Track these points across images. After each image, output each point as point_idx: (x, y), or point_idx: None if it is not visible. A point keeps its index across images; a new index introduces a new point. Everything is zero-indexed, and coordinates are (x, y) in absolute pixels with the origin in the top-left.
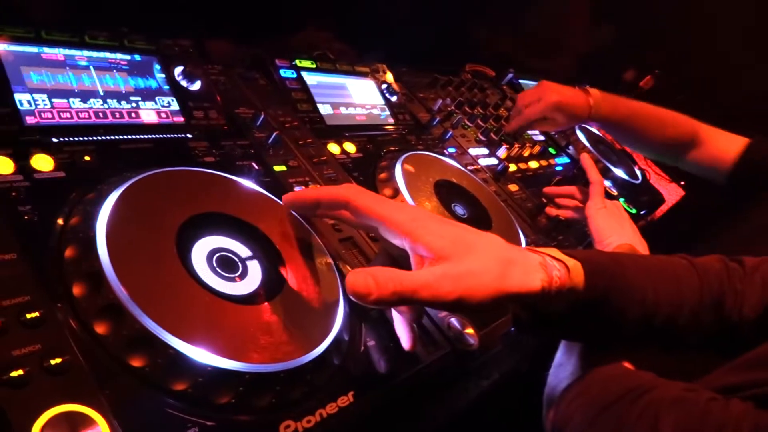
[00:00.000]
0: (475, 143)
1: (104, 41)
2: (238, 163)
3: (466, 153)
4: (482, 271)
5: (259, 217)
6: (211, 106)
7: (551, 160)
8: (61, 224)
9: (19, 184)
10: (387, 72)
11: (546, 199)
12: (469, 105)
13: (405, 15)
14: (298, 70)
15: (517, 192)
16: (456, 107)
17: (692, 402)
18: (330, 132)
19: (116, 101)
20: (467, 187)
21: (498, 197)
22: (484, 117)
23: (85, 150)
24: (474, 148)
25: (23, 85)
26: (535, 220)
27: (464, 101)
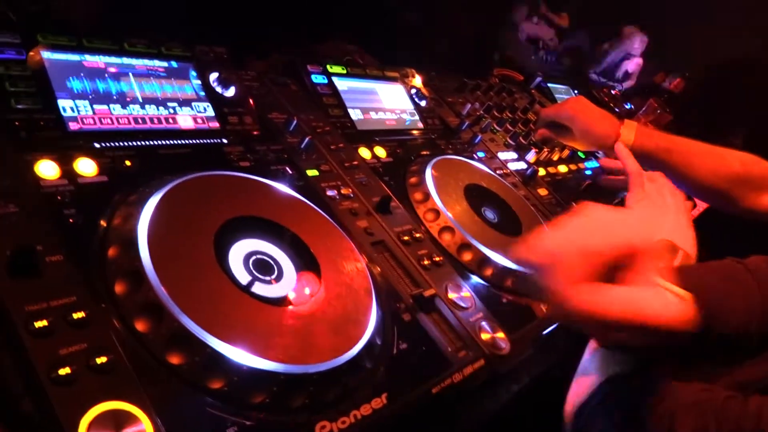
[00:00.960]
0: (504, 147)
1: (143, 48)
2: (272, 167)
3: (495, 157)
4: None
5: (295, 220)
6: (246, 111)
7: (580, 165)
8: (104, 226)
9: (65, 188)
10: (416, 76)
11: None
12: (497, 109)
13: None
14: (329, 76)
15: (546, 196)
16: (485, 111)
17: (709, 402)
18: (361, 137)
19: (154, 107)
20: (497, 191)
21: (527, 201)
22: (512, 121)
23: (125, 155)
24: (503, 152)
25: (66, 91)
26: None
27: (493, 105)
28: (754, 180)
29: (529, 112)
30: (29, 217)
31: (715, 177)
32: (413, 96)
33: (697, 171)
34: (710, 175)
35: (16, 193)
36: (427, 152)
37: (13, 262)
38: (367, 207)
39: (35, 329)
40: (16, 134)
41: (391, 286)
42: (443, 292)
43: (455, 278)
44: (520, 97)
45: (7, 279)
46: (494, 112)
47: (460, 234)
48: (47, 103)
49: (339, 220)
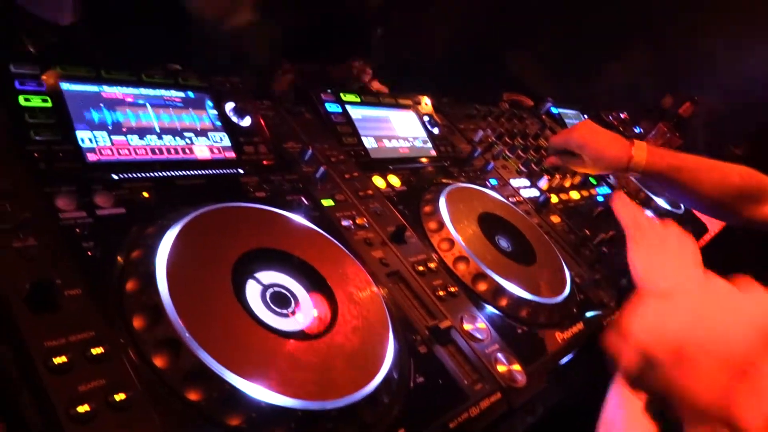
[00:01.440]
0: (516, 174)
1: (160, 79)
2: (288, 197)
3: (507, 184)
4: None
5: (311, 252)
6: (261, 141)
7: (592, 191)
8: (122, 259)
9: (83, 221)
10: (428, 104)
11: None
12: (509, 135)
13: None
14: (342, 104)
15: (559, 224)
16: (496, 138)
17: None
18: (374, 165)
19: (171, 137)
20: (510, 219)
21: (541, 229)
22: (524, 148)
23: (143, 186)
24: (515, 179)
25: (84, 123)
26: (578, 253)
27: (504, 132)
28: (752, 192)
29: (540, 138)
30: (48, 250)
31: (718, 192)
32: (426, 123)
33: (703, 187)
34: (714, 190)
35: (36, 226)
36: (440, 180)
37: (32, 296)
38: (382, 237)
39: (54, 365)
40: (36, 166)
41: (406, 318)
42: (459, 323)
43: (470, 309)
44: (531, 123)
45: (27, 313)
46: (506, 139)
47: (475, 264)
48: (66, 134)
49: (354, 251)
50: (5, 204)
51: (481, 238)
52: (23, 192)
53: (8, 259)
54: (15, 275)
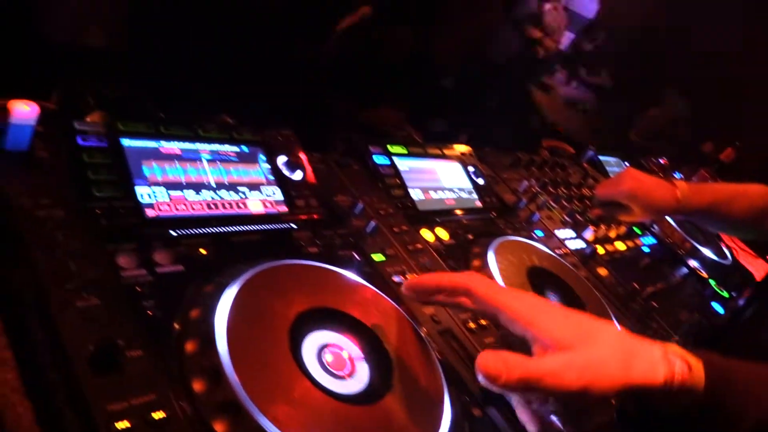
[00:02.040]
0: (561, 225)
1: (215, 134)
2: (339, 252)
3: (553, 236)
4: (606, 360)
5: (365, 311)
6: (312, 194)
7: (637, 241)
8: (181, 318)
9: (144, 279)
10: (472, 154)
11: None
12: (552, 185)
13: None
14: (390, 156)
15: (606, 276)
16: (540, 188)
17: None
18: (422, 217)
19: (226, 192)
20: (559, 273)
21: (589, 283)
22: (568, 197)
23: (200, 242)
24: (560, 230)
25: (143, 178)
26: (627, 307)
27: (548, 182)
28: None
29: (584, 187)
30: (110, 310)
31: (748, 215)
32: (471, 174)
33: (736, 215)
34: (745, 214)
35: (98, 285)
36: (487, 233)
37: (96, 358)
38: None
39: (117, 431)
40: (97, 222)
41: (460, 379)
42: None
43: None
44: (573, 172)
45: (90, 375)
46: (549, 189)
47: None
48: (126, 190)
49: (406, 307)
50: (71, 263)
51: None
52: (87, 250)
53: (72, 319)
54: (79, 336)
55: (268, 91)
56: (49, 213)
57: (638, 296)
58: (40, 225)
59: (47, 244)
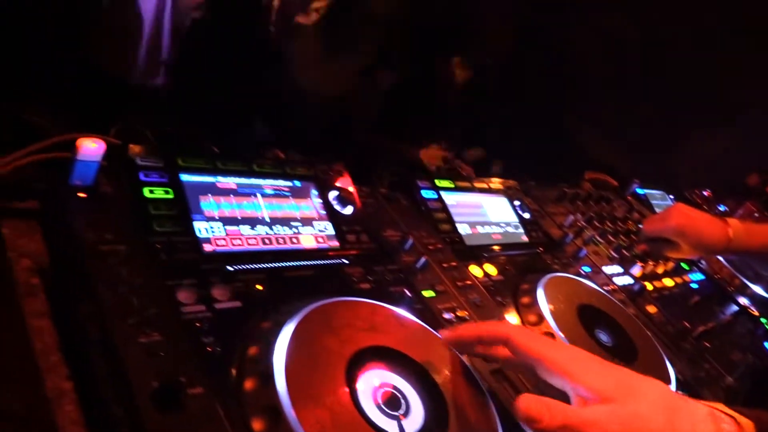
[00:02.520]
0: (608, 260)
1: (269, 169)
2: (390, 289)
3: (600, 272)
4: (650, 415)
5: (419, 350)
6: (363, 229)
7: (685, 277)
8: (239, 356)
9: (203, 315)
10: (518, 188)
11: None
12: (598, 219)
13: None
14: (437, 190)
15: (656, 314)
16: (586, 222)
17: None
18: (469, 253)
19: (280, 227)
20: (609, 311)
21: (639, 321)
22: (614, 232)
23: (256, 278)
24: (607, 266)
25: (201, 213)
26: (678, 347)
27: (594, 216)
28: None
29: (629, 221)
30: (171, 346)
31: None
32: (517, 208)
33: None
34: None
35: (160, 320)
36: (535, 268)
37: (159, 394)
38: None
39: None
40: (157, 257)
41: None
42: None
43: None
44: (618, 206)
45: (153, 412)
46: (595, 223)
47: None
48: (185, 225)
49: None
50: (133, 298)
51: (582, 332)
52: (149, 285)
53: (136, 354)
54: (142, 371)
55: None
56: (112, 248)
57: (689, 335)
58: (104, 260)
59: (111, 279)
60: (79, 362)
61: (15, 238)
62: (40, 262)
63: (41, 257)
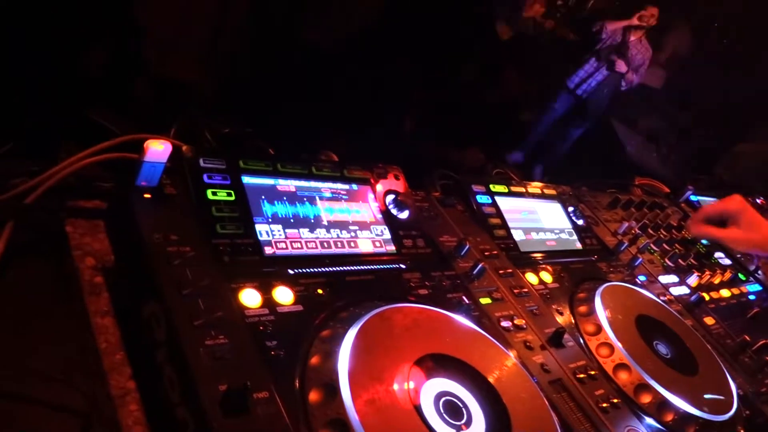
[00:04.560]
0: (663, 270)
1: (328, 172)
2: (449, 295)
3: (656, 281)
4: None
5: (480, 359)
6: (419, 234)
7: (743, 288)
8: (303, 362)
9: (266, 318)
10: (571, 193)
11: None
12: (652, 227)
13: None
14: (492, 196)
15: (714, 326)
16: (640, 230)
17: None
18: (524, 259)
19: (338, 231)
20: (667, 322)
21: (697, 333)
22: (669, 241)
23: (317, 282)
24: (663, 276)
25: (262, 216)
26: (737, 360)
27: (648, 223)
28: None
29: (684, 230)
30: (237, 349)
31: None
32: (571, 214)
33: None
34: None
35: (225, 323)
36: (590, 277)
37: (227, 399)
38: (541, 340)
39: None
40: (221, 259)
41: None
42: None
43: (635, 424)
44: (672, 212)
45: (221, 416)
46: (649, 231)
47: (637, 373)
48: (247, 227)
49: (516, 354)
50: (200, 300)
51: (640, 343)
52: (213, 287)
53: (203, 357)
54: (210, 375)
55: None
56: (178, 249)
57: (748, 349)
58: (170, 260)
59: (177, 280)
60: (143, 362)
61: (79, 236)
62: (104, 261)
63: (105, 256)
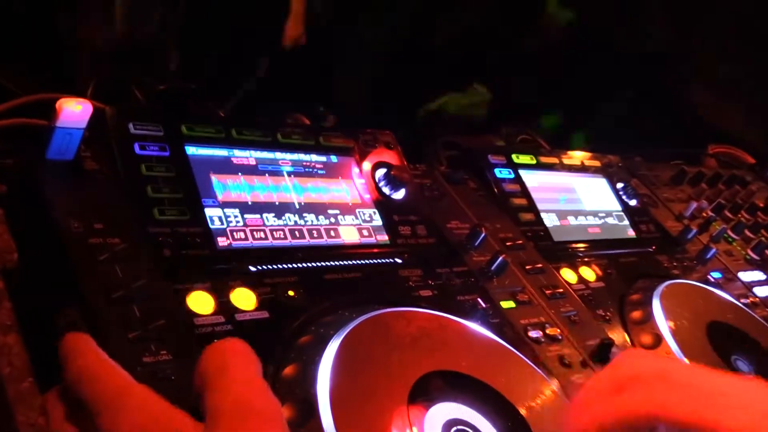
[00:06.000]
0: (746, 264)
1: (298, 139)
2: (459, 298)
3: (735, 278)
4: None
5: (503, 379)
6: (419, 219)
7: None
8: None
9: (222, 328)
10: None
11: None
12: (731, 208)
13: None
14: (515, 168)
15: None
16: (714, 211)
17: None
18: (558, 251)
19: (313, 216)
20: (750, 331)
21: None
22: (754, 225)
23: (286, 282)
24: (745, 272)
25: (214, 197)
26: None
27: (724, 203)
28: None
29: None
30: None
31: None
32: (620, 192)
33: None
34: None
35: (170, 336)
36: (647, 273)
37: None
38: (582, 354)
39: None
40: (161, 253)
41: None
42: None
43: None
44: (757, 189)
45: None
46: (726, 213)
47: None
48: (194, 212)
49: (549, 373)
50: (134, 306)
51: (714, 358)
52: (151, 289)
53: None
54: None
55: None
56: (103, 240)
57: None
58: (94, 255)
59: (103, 281)
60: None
61: None
62: (5, 260)
63: (6, 255)
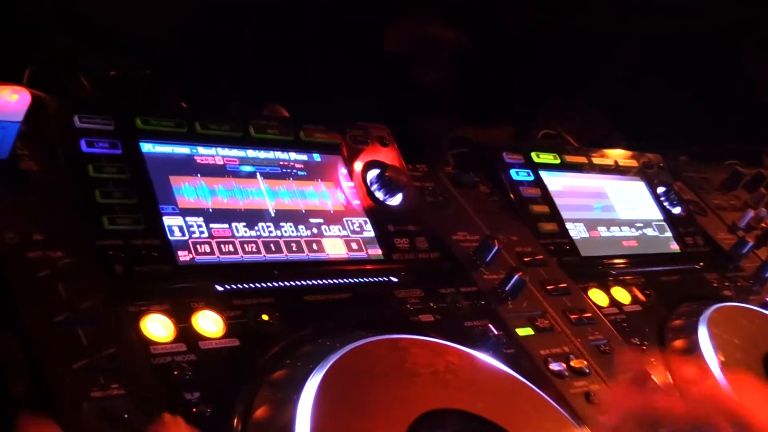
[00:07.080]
0: None
1: (275, 134)
2: (467, 323)
3: None
4: None
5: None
6: (419, 230)
7: None
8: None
9: (183, 358)
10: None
11: None
12: None
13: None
14: (535, 169)
15: None
16: None
17: None
18: (586, 268)
19: (292, 226)
20: None
21: None
22: None
23: (260, 304)
24: None
25: (173, 204)
26: None
27: None
28: None
29: None
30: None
31: None
32: (661, 198)
33: None
34: None
35: (122, 366)
36: (692, 295)
37: None
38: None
39: None
40: (112, 269)
41: None
42: None
43: None
44: None
45: None
46: None
47: None
48: (149, 221)
49: (574, 414)
50: (77, 331)
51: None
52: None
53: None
54: None
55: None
56: (44, 254)
57: None
58: (34, 272)
59: (45, 302)
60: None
61: None
62: None
63: None
